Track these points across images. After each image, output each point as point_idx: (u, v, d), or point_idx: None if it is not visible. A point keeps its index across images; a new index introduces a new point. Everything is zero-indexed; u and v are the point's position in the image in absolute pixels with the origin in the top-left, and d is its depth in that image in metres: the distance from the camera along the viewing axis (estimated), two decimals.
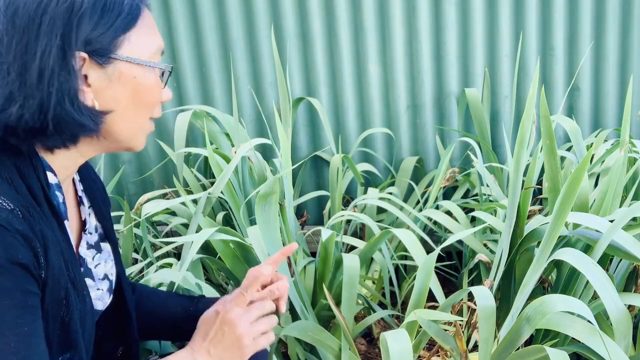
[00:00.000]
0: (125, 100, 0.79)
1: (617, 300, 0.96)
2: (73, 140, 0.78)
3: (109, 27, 0.76)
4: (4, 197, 0.71)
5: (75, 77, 0.74)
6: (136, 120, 0.81)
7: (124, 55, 0.77)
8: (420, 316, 1.09)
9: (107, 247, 0.94)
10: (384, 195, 1.69)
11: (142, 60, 0.79)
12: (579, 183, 1.00)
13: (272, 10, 1.97)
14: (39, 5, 0.73)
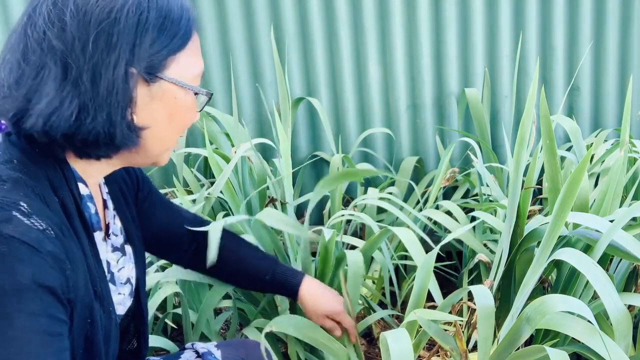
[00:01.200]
0: (162, 118, 0.79)
1: (617, 300, 0.96)
2: (115, 153, 0.78)
3: (164, 46, 0.76)
4: (37, 216, 0.69)
5: (131, 92, 0.74)
6: (168, 139, 0.81)
7: (170, 76, 0.77)
8: (420, 316, 1.09)
9: (129, 250, 0.94)
10: (384, 195, 1.69)
11: (185, 83, 0.79)
12: (579, 183, 1.00)
13: (272, 10, 1.97)
14: (111, 15, 0.72)
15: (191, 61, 0.79)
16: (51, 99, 0.71)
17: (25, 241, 0.66)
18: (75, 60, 0.71)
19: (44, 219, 0.69)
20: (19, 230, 0.66)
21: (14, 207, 0.67)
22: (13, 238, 0.65)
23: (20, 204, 0.68)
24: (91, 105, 0.72)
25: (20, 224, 0.66)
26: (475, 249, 1.51)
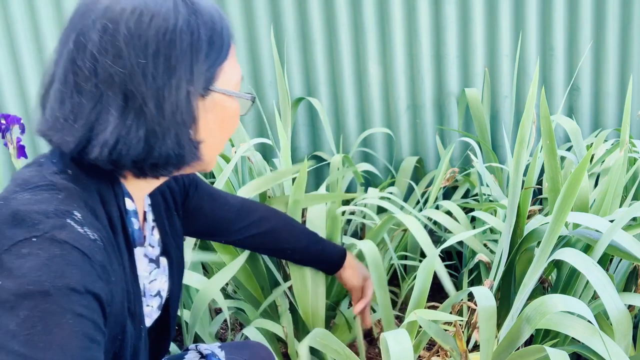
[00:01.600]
0: (215, 128, 0.79)
1: (617, 300, 0.96)
2: (179, 170, 0.78)
3: (214, 60, 0.76)
4: (89, 227, 0.69)
5: (194, 110, 0.74)
6: (219, 146, 0.82)
7: (220, 87, 0.77)
8: (421, 316, 1.09)
9: (164, 262, 0.94)
10: (384, 194, 1.69)
11: (233, 92, 0.79)
12: (579, 183, 1.00)
13: (272, 10, 1.97)
14: (166, 37, 0.71)
15: (234, 69, 0.80)
16: (115, 129, 0.71)
17: (78, 247, 0.67)
18: (137, 86, 0.71)
19: (94, 230, 0.70)
20: (72, 237, 0.67)
21: (68, 215, 0.68)
22: (66, 243, 0.66)
23: (74, 213, 0.69)
24: (159, 130, 0.72)
25: (73, 231, 0.67)
26: (475, 249, 1.51)
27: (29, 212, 0.67)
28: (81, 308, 0.66)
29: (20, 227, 0.66)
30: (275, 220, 1.26)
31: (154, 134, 0.72)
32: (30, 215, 0.67)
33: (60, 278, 0.64)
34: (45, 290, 0.63)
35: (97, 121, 0.71)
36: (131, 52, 0.70)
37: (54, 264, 0.64)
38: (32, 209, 0.68)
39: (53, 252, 0.65)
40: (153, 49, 0.70)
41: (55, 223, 0.67)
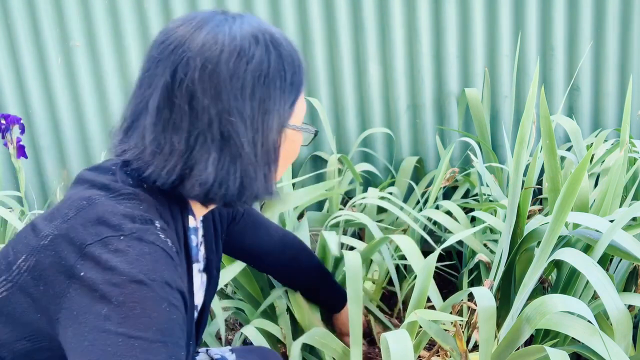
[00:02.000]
0: (283, 159, 0.81)
1: (617, 300, 0.96)
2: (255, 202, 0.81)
3: (293, 99, 0.78)
4: (167, 236, 0.73)
5: (280, 147, 0.77)
6: (281, 174, 0.83)
7: (292, 123, 0.79)
8: (421, 316, 1.09)
9: (204, 278, 0.96)
10: (384, 194, 1.69)
11: (302, 127, 0.80)
12: (579, 183, 1.00)
13: (272, 10, 1.98)
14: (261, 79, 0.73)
15: (303, 104, 0.81)
16: (215, 169, 0.73)
17: (164, 248, 0.70)
18: (235, 128, 0.72)
19: (170, 241, 0.73)
20: (158, 239, 0.71)
21: (151, 222, 0.72)
22: (153, 243, 0.70)
23: (155, 222, 0.73)
24: (252, 171, 0.75)
25: (158, 235, 0.71)
26: (475, 249, 1.51)
27: (115, 214, 0.71)
28: (174, 300, 0.69)
29: (106, 226, 0.69)
30: (303, 259, 1.31)
31: (248, 175, 0.75)
32: (117, 217, 0.70)
33: (153, 272, 0.67)
34: (140, 280, 0.66)
35: (195, 160, 0.73)
36: (230, 93, 0.71)
37: (144, 259, 0.68)
38: (119, 212, 0.71)
39: (142, 250, 0.68)
40: (249, 90, 0.72)
41: (141, 227, 0.70)
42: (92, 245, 0.68)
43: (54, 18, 1.98)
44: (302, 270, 1.33)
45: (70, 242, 0.69)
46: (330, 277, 1.38)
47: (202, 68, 0.71)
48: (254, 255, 1.25)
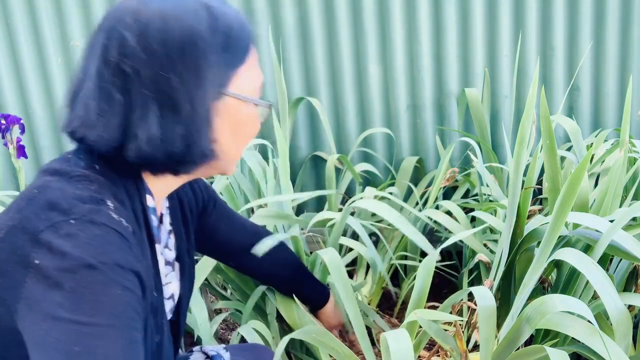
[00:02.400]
0: (228, 132, 0.81)
1: (617, 300, 0.96)
2: (194, 169, 0.81)
3: (228, 64, 0.78)
4: (121, 215, 0.73)
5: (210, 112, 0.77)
6: (234, 151, 0.84)
7: (233, 91, 0.79)
8: (421, 316, 1.09)
9: (177, 266, 0.96)
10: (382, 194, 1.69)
11: (247, 97, 0.81)
12: (579, 183, 1.00)
13: (272, 10, 1.97)
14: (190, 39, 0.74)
15: (251, 74, 0.82)
16: (159, 126, 0.74)
17: (116, 229, 0.70)
18: (171, 85, 0.74)
19: (125, 220, 0.73)
20: (109, 220, 0.71)
21: (102, 203, 0.72)
22: (104, 225, 0.70)
23: (107, 202, 0.73)
24: (193, 129, 0.76)
25: (109, 215, 0.71)
26: (475, 249, 1.51)
27: (65, 198, 0.71)
28: (127, 282, 0.69)
29: (56, 211, 0.69)
30: (280, 254, 1.30)
31: (190, 132, 0.75)
32: (67, 200, 0.70)
33: (104, 255, 0.67)
34: (90, 264, 0.66)
35: (137, 118, 0.74)
36: (162, 52, 0.73)
37: (95, 242, 0.68)
38: (68, 195, 0.71)
39: (93, 232, 0.68)
40: (180, 50, 0.74)
41: (91, 208, 0.70)
42: (44, 232, 0.68)
43: (54, 18, 1.98)
44: (281, 266, 1.31)
45: (24, 232, 0.69)
46: (310, 273, 1.38)
47: (136, 29, 0.74)
48: (231, 251, 1.23)
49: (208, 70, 0.76)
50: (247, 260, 1.25)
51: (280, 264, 1.32)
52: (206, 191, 1.11)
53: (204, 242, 1.14)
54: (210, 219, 1.13)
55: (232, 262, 1.29)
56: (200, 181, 1.09)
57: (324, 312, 1.37)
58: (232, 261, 1.28)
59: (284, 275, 1.33)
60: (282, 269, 1.33)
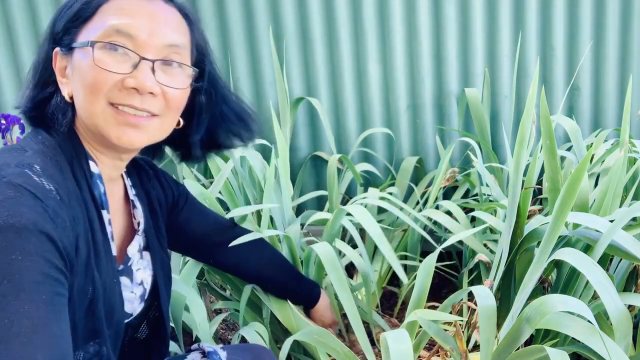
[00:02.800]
0: (77, 85, 0.82)
1: (617, 300, 0.96)
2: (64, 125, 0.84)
3: (68, 19, 0.83)
4: (47, 178, 0.74)
5: (49, 60, 0.85)
6: (89, 105, 0.82)
7: (78, 42, 0.82)
8: (421, 316, 1.09)
9: (147, 256, 0.97)
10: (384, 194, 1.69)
11: (78, 42, 0.82)
12: (579, 183, 1.00)
13: (272, 10, 1.97)
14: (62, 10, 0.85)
15: (98, 24, 0.82)
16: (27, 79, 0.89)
17: (32, 191, 0.71)
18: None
19: (52, 183, 0.74)
20: (28, 182, 0.71)
21: (27, 167, 0.74)
22: (21, 186, 0.70)
23: (34, 166, 0.74)
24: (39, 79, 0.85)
25: (29, 177, 0.72)
26: (475, 249, 1.51)
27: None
28: (32, 246, 0.67)
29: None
30: (261, 249, 1.30)
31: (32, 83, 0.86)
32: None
33: (12, 217, 0.67)
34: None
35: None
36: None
37: (7, 203, 0.68)
38: (1, 162, 0.73)
39: (7, 194, 0.69)
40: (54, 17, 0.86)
41: (14, 171, 0.72)
42: None
43: None
44: (263, 262, 1.31)
45: None
46: (297, 270, 1.37)
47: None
48: (205, 246, 1.23)
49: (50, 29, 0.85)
50: (225, 256, 1.25)
51: (262, 261, 1.31)
52: (176, 187, 1.12)
53: (177, 238, 1.15)
54: (182, 214, 1.14)
55: (210, 259, 1.27)
56: (168, 177, 1.11)
57: (317, 311, 1.37)
58: (210, 258, 1.27)
59: (267, 272, 1.32)
60: (264, 265, 1.31)
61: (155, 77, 0.82)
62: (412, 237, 1.71)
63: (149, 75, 0.81)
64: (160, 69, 0.83)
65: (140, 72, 0.81)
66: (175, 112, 0.87)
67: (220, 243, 1.24)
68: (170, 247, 1.19)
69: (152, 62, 0.81)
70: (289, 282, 1.33)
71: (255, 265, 1.30)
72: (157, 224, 1.02)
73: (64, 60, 0.83)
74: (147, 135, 0.84)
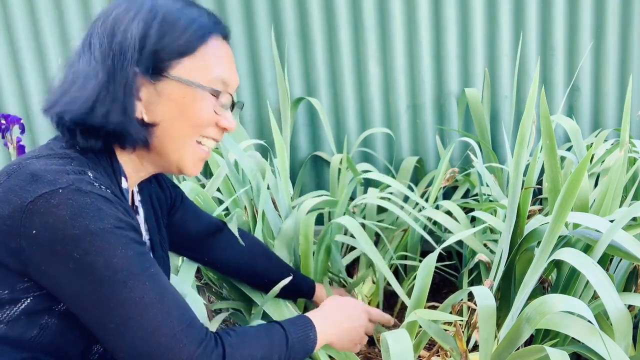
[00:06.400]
0: (171, 115, 0.86)
1: (617, 300, 0.96)
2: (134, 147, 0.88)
3: (168, 51, 0.85)
4: (102, 184, 0.79)
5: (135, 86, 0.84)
6: (181, 136, 0.88)
7: (175, 75, 0.85)
8: (421, 316, 1.09)
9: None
10: (384, 194, 1.69)
11: (191, 82, 0.86)
12: (579, 183, 1.00)
13: (272, 10, 1.97)
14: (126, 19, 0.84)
15: (203, 64, 0.87)
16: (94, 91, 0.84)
17: (101, 195, 0.76)
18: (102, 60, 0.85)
19: (108, 187, 0.80)
20: (93, 188, 0.77)
21: (83, 173, 0.79)
22: (92, 192, 0.75)
23: (87, 173, 0.79)
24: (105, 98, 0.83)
25: (92, 184, 0.77)
26: (475, 249, 1.50)
27: (48, 171, 0.76)
28: (123, 238, 0.76)
29: (42, 182, 0.74)
30: (253, 246, 1.33)
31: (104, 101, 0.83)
32: (50, 173, 0.76)
33: (100, 221, 0.74)
34: (91, 231, 0.73)
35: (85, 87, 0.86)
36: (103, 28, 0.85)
37: (89, 210, 0.74)
38: (51, 169, 0.76)
39: (83, 201, 0.74)
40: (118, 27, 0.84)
41: (75, 178, 0.76)
42: (33, 203, 0.73)
43: (54, 18, 1.98)
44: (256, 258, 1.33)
45: (9, 203, 0.74)
46: (288, 265, 1.38)
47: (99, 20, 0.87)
48: (203, 243, 1.25)
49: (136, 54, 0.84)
50: (218, 254, 1.28)
51: (254, 256, 1.33)
52: (173, 189, 1.16)
53: (172, 238, 1.18)
54: (178, 214, 1.17)
55: (205, 257, 1.29)
56: (166, 179, 1.14)
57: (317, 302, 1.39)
58: (205, 256, 1.29)
59: (261, 267, 1.33)
60: (257, 261, 1.33)
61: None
62: (412, 237, 1.71)
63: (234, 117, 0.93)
64: None
65: (230, 114, 0.92)
66: None
67: (213, 240, 1.26)
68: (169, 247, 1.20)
69: (240, 107, 0.96)
70: (283, 274, 1.32)
71: (248, 261, 1.32)
72: (159, 227, 1.05)
73: (145, 84, 0.85)
74: None
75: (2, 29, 1.98)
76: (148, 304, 0.77)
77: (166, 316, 0.78)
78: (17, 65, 2.01)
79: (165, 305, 0.79)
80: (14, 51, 2.00)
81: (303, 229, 1.42)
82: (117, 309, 0.75)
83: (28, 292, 0.78)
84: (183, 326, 0.80)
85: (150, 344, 0.77)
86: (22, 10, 1.97)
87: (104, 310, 0.75)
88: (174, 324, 0.79)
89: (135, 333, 0.76)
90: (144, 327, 0.76)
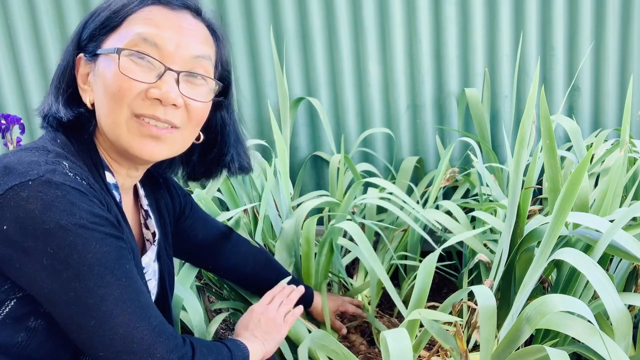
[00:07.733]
0: (100, 92, 0.82)
1: (617, 300, 0.96)
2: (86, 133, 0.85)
3: (95, 27, 0.84)
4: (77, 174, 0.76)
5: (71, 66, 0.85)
6: (109, 114, 0.82)
7: (101, 50, 0.82)
8: (423, 315, 1.09)
9: (155, 265, 0.99)
10: (384, 195, 1.69)
11: (107, 49, 0.82)
12: (579, 183, 1.00)
13: (272, 10, 1.97)
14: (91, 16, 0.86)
15: (125, 32, 0.82)
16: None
17: (75, 187, 0.73)
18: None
19: (84, 178, 0.76)
20: (67, 179, 0.73)
21: (57, 164, 0.75)
22: (64, 184, 0.72)
23: (62, 163, 0.76)
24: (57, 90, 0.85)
25: (66, 175, 0.74)
26: (475, 249, 1.51)
27: (20, 163, 0.73)
28: (100, 234, 0.74)
29: (13, 175, 0.72)
30: (256, 253, 1.32)
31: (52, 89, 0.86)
32: (22, 165, 0.73)
33: (68, 217, 0.71)
34: (63, 226, 0.70)
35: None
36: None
37: (60, 203, 0.70)
38: (24, 161, 0.74)
39: (54, 194, 0.71)
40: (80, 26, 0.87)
41: (47, 168, 0.73)
42: (3, 196, 0.70)
43: (54, 18, 1.98)
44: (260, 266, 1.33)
45: None
46: (289, 273, 1.38)
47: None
48: (211, 250, 1.25)
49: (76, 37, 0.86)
50: (223, 260, 1.27)
51: (258, 264, 1.33)
52: (184, 196, 1.14)
53: (181, 245, 1.17)
54: (187, 222, 1.16)
55: (210, 264, 1.29)
56: (177, 186, 1.12)
57: (315, 310, 1.40)
58: (210, 263, 1.28)
59: (263, 274, 1.33)
60: (260, 268, 1.33)
61: (179, 89, 0.82)
62: (412, 237, 1.71)
63: (173, 86, 0.81)
64: (184, 81, 0.83)
65: (165, 83, 0.81)
66: (196, 125, 0.88)
67: (219, 248, 1.26)
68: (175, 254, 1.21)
69: (177, 73, 0.82)
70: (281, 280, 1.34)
71: (251, 269, 1.32)
72: (166, 233, 1.03)
73: (87, 67, 0.83)
74: (168, 147, 0.84)
75: (2, 29, 1.98)
76: (127, 299, 0.75)
77: (145, 310, 0.77)
78: (17, 65, 2.01)
79: (141, 301, 0.77)
80: (14, 51, 2.00)
81: (305, 232, 1.42)
82: (96, 304, 0.73)
83: (9, 294, 0.75)
84: (158, 321, 0.79)
85: (133, 339, 0.75)
86: (22, 10, 1.97)
87: (83, 307, 0.73)
88: (152, 320, 0.78)
89: (117, 329, 0.74)
90: (124, 322, 0.75)
